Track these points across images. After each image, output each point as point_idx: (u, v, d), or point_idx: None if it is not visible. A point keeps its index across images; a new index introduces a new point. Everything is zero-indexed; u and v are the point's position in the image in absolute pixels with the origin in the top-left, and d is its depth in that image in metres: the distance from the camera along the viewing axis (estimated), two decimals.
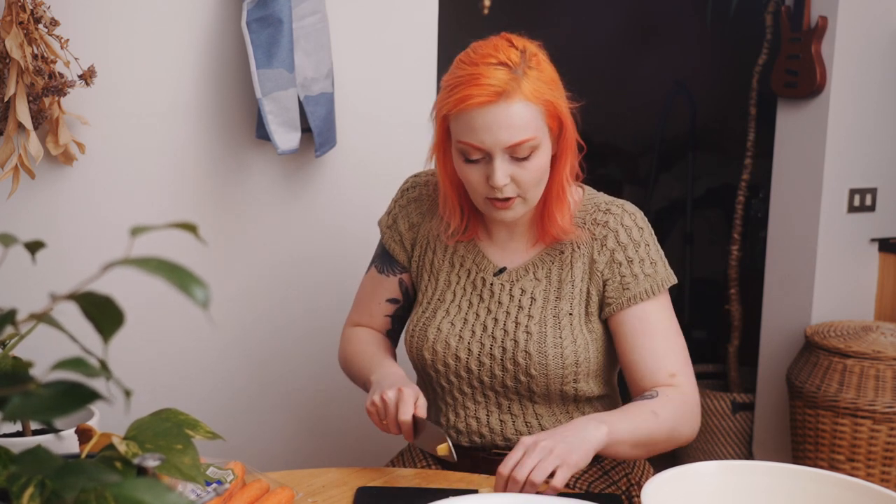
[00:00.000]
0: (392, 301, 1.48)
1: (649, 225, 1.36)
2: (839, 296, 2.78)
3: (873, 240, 2.80)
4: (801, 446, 2.61)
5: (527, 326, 1.32)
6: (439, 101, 1.28)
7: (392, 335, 1.50)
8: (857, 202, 2.76)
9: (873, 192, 2.77)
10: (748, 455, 3.08)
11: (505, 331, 1.33)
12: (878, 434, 2.43)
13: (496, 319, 1.35)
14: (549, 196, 1.32)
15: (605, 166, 4.32)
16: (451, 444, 1.23)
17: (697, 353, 3.81)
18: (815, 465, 2.51)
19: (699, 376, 3.36)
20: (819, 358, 2.54)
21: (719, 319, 3.50)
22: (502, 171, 1.24)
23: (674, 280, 1.34)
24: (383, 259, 1.48)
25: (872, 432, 2.43)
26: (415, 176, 1.49)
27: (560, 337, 1.31)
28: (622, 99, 4.19)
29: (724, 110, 3.93)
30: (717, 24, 3.44)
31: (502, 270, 1.37)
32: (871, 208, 2.78)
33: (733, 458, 3.07)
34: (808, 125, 2.75)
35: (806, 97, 2.72)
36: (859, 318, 2.80)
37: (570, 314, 1.32)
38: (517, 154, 1.24)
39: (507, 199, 1.27)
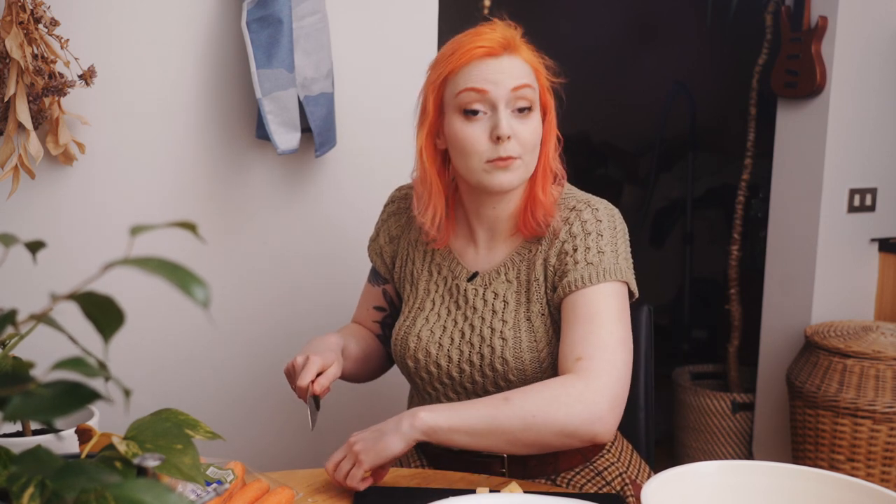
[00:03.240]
0: (378, 309, 1.53)
1: (615, 221, 1.33)
2: (839, 296, 2.78)
3: (873, 240, 2.81)
4: (801, 446, 2.61)
5: (501, 332, 1.32)
6: (435, 72, 1.32)
7: (382, 339, 1.55)
8: (857, 202, 2.76)
9: (873, 192, 2.77)
10: (748, 455, 3.08)
11: (481, 337, 1.33)
12: (878, 434, 2.43)
13: (472, 326, 1.35)
14: (535, 174, 1.33)
15: (605, 166, 4.32)
16: (308, 414, 1.31)
17: (697, 353, 3.83)
18: (815, 465, 2.51)
19: (699, 376, 3.38)
20: (819, 358, 2.54)
21: (719, 319, 3.51)
22: (506, 121, 1.26)
23: (622, 276, 1.27)
24: (372, 270, 1.54)
25: (872, 432, 2.43)
26: (397, 190, 1.52)
27: (535, 340, 1.31)
28: (622, 99, 4.20)
29: (724, 110, 3.93)
30: (717, 24, 3.44)
31: (475, 276, 1.38)
32: (871, 208, 2.78)
33: (733, 458, 3.07)
34: (808, 125, 2.75)
35: (806, 97, 2.72)
36: (859, 318, 2.80)
37: (542, 315, 1.32)
38: (519, 104, 1.27)
39: (509, 159, 1.27)
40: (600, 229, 1.30)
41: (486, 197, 1.34)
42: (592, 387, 1.18)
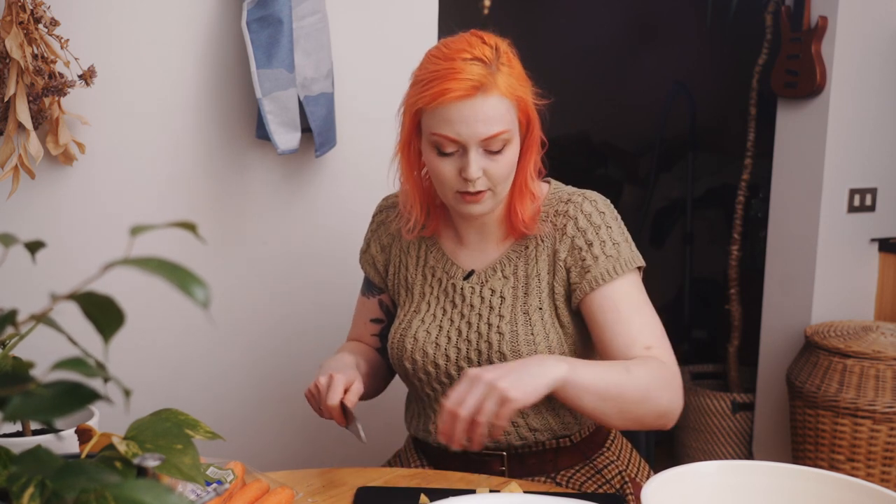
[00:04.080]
0: (376, 321, 1.52)
1: (613, 210, 1.35)
2: (839, 296, 2.78)
3: (873, 240, 2.81)
4: (801, 446, 2.61)
5: (498, 327, 1.33)
6: (411, 96, 1.29)
7: (382, 352, 1.53)
8: (857, 202, 2.76)
9: (873, 192, 2.77)
10: (748, 455, 3.08)
11: (479, 333, 1.34)
12: (878, 434, 2.43)
13: (469, 323, 1.35)
14: (513, 190, 1.33)
15: (605, 166, 4.32)
16: (359, 428, 1.26)
17: (697, 353, 3.82)
18: (815, 465, 2.51)
19: (699, 376, 3.38)
20: (819, 358, 2.54)
21: (719, 319, 3.50)
22: (476, 163, 1.24)
23: (640, 262, 1.32)
24: (365, 282, 1.53)
25: (872, 432, 2.43)
26: (384, 199, 1.53)
27: (532, 334, 1.31)
28: (622, 99, 4.20)
29: (724, 110, 3.93)
30: (717, 24, 3.44)
31: (470, 274, 1.38)
32: (871, 208, 2.78)
33: (733, 458, 3.07)
34: (808, 125, 2.75)
35: (806, 97, 2.72)
36: (859, 318, 2.80)
37: (540, 309, 1.33)
38: (490, 147, 1.25)
39: (478, 193, 1.28)
40: (607, 221, 1.33)
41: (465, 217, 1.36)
42: (677, 372, 1.25)
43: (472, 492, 1.17)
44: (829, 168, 2.70)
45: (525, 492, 1.15)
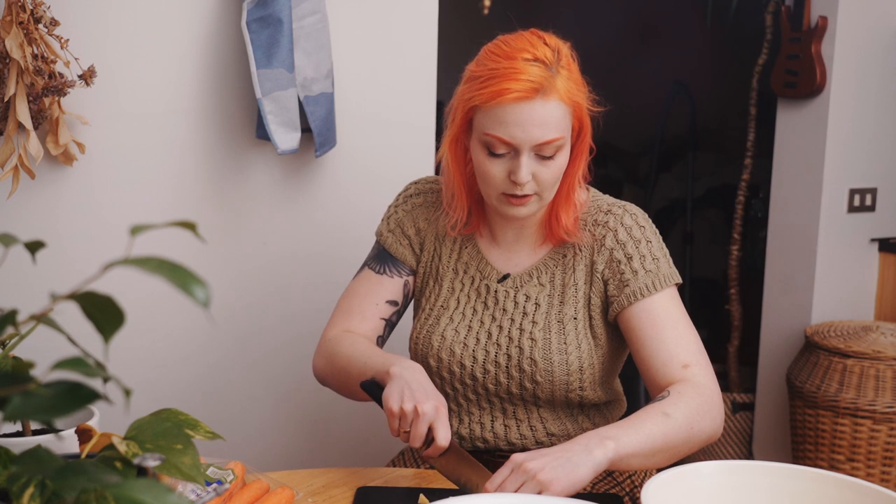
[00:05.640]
0: (391, 303, 1.41)
1: (652, 225, 1.34)
2: (839, 296, 2.78)
3: (873, 240, 2.81)
4: (801, 446, 2.61)
5: (531, 333, 1.31)
6: (467, 91, 1.26)
7: (381, 343, 1.42)
8: (857, 202, 2.76)
9: (873, 192, 2.77)
10: (748, 455, 3.08)
11: (510, 338, 1.32)
12: (878, 434, 2.43)
13: (501, 327, 1.34)
14: (558, 195, 1.31)
15: (605, 166, 4.32)
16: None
17: None
18: (815, 465, 2.51)
19: None
20: (819, 358, 2.54)
21: (719, 319, 3.50)
22: (527, 168, 1.23)
23: (678, 279, 1.31)
24: (383, 261, 1.43)
25: (872, 432, 2.43)
26: (416, 183, 1.47)
27: (565, 343, 1.31)
28: (622, 99, 4.20)
29: (724, 110, 3.93)
30: (717, 24, 3.44)
31: (506, 277, 1.36)
32: (871, 208, 2.78)
33: (733, 458, 3.07)
34: (808, 125, 2.75)
35: (806, 97, 2.72)
36: (859, 318, 2.80)
37: (575, 318, 1.32)
38: (543, 152, 1.23)
39: (524, 196, 1.26)
40: (647, 235, 1.32)
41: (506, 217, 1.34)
42: (716, 392, 1.23)
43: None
44: (829, 168, 2.70)
45: None
